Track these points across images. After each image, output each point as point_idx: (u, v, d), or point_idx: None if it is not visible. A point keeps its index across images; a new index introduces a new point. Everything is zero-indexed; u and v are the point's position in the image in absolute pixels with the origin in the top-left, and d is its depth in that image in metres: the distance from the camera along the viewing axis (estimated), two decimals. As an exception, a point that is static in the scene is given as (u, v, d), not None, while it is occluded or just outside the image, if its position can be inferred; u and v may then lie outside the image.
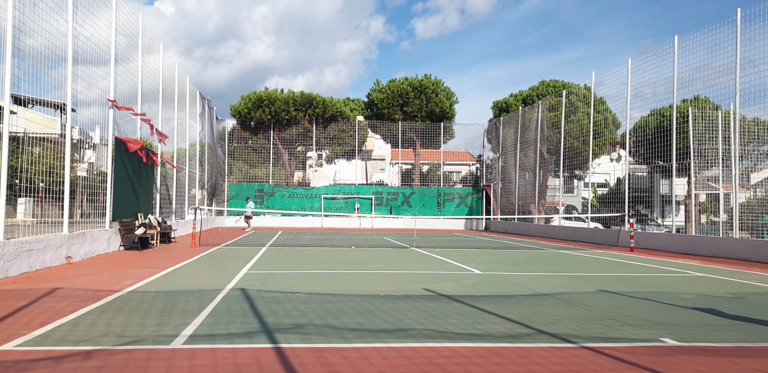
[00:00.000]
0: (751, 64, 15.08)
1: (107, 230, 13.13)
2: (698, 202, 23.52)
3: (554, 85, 33.53)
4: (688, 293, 8.48)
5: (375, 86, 37.22)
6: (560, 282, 9.48)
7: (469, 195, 35.70)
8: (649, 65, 19.64)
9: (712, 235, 18.78)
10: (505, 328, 5.67)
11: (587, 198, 28.01)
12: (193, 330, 5.25)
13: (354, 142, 35.36)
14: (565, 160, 25.41)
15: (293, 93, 34.47)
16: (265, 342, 4.85)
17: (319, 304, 6.83)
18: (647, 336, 5.41)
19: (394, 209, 34.76)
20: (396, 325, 5.68)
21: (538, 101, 29.44)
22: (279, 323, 5.66)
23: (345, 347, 4.77)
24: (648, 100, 20.60)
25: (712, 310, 6.93)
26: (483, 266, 11.82)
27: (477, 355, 4.59)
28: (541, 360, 4.47)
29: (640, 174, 27.50)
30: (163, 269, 10.12)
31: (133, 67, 15.88)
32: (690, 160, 18.68)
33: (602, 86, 23.65)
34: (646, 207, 25.72)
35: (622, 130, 23.54)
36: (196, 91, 25.30)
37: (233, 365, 4.18)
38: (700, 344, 5.15)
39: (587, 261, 13.78)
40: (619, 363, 4.42)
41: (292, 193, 34.17)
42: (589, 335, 5.39)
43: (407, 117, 35.69)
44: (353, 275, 10.06)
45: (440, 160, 37.35)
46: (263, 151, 34.73)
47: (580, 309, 6.82)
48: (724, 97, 16.38)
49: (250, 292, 7.65)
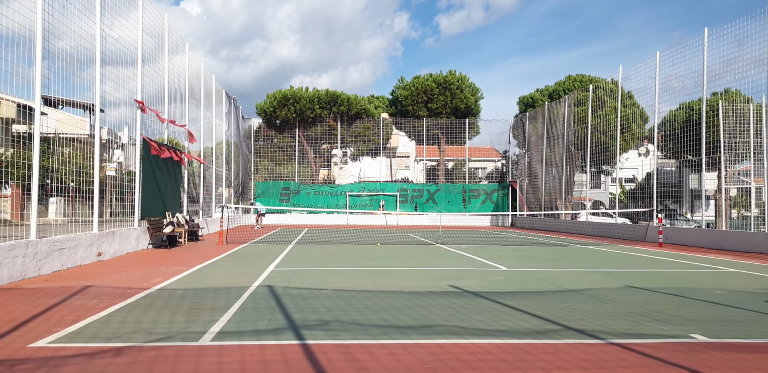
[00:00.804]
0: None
1: (136, 229, 13.41)
2: (729, 196, 22.97)
3: (581, 80, 33.08)
4: (718, 288, 8.31)
5: (399, 83, 37.21)
6: (587, 278, 9.38)
7: (494, 191, 35.47)
8: (678, 58, 19.25)
9: (744, 230, 18.34)
10: (532, 324, 5.64)
11: (615, 193, 27.58)
12: (221, 327, 5.34)
13: (378, 140, 35.41)
14: (592, 155, 25.05)
15: (318, 91, 34.67)
16: (292, 339, 4.91)
17: (345, 300, 6.88)
18: (677, 332, 5.32)
19: (419, 205, 34.72)
20: (422, 321, 5.69)
21: (565, 96, 29.07)
22: (305, 319, 5.72)
23: (371, 343, 4.80)
24: (677, 93, 20.19)
25: (744, 306, 6.79)
26: (509, 263, 11.75)
27: (503, 351, 4.58)
28: (568, 357, 4.44)
29: (668, 169, 26.97)
30: (190, 267, 10.30)
31: (159, 68, 16.16)
32: (720, 154, 18.25)
33: (629, 80, 23.25)
34: (674, 202, 25.24)
35: (650, 124, 23.12)
36: (222, 91, 25.61)
37: (261, 361, 4.24)
38: (731, 340, 5.05)
39: (615, 257, 13.59)
40: (648, 359, 4.37)
41: (318, 190, 34.40)
42: (617, 331, 5.33)
43: (432, 114, 35.58)
44: (378, 271, 10.10)
45: (465, 157, 37.17)
46: (289, 149, 35.03)
47: (608, 305, 6.75)
48: (755, 90, 15.98)
49: (277, 289, 7.74)
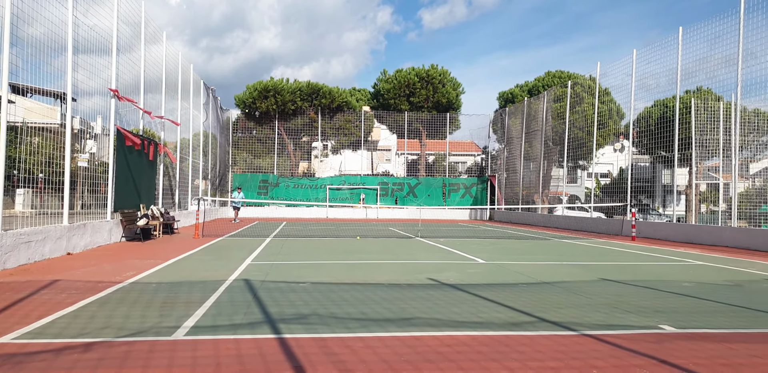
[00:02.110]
0: (752, 55, 15.00)
1: (109, 221, 13.19)
2: (699, 191, 23.45)
3: (560, 76, 33.36)
4: (687, 281, 8.50)
5: (381, 76, 37.10)
6: (563, 271, 9.51)
7: (474, 185, 35.70)
8: (653, 56, 19.55)
9: (712, 224, 18.76)
10: (508, 316, 5.70)
11: (590, 188, 27.98)
12: (196, 321, 5.29)
13: (360, 133, 35.32)
14: (569, 150, 25.35)
15: (299, 83, 34.39)
16: (269, 333, 4.89)
17: (323, 294, 6.87)
18: (647, 323, 5.44)
19: (400, 199, 34.80)
20: (400, 314, 5.71)
21: (544, 92, 29.32)
22: (282, 313, 5.70)
23: (349, 336, 4.81)
24: (652, 91, 20.52)
25: (710, 297, 6.96)
26: (487, 256, 11.86)
27: (480, 343, 4.63)
28: (542, 348, 4.51)
29: (642, 164, 27.43)
30: (165, 260, 10.18)
31: (135, 57, 15.87)
32: (691, 151, 18.61)
33: (607, 77, 23.53)
34: (648, 197, 25.71)
35: (625, 120, 23.44)
36: (200, 81, 25.27)
37: (236, 355, 4.21)
38: (697, 330, 5.18)
39: (589, 250, 13.80)
40: (619, 350, 4.45)
41: (297, 183, 34.22)
42: (590, 323, 5.42)
43: (413, 107, 35.59)
44: (358, 265, 10.11)
45: (446, 151, 37.30)
46: (268, 141, 34.74)
47: (582, 297, 6.85)
48: (725, 89, 16.32)
49: (254, 282, 7.69)
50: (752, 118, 18.53)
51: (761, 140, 19.38)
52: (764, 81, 14.89)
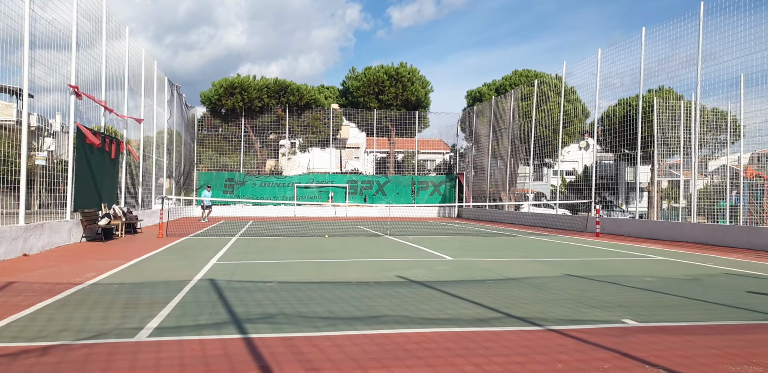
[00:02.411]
0: (711, 56, 15.47)
1: (68, 221, 12.81)
2: (660, 188, 24.11)
3: (527, 75, 33.81)
4: (649, 276, 8.72)
5: (350, 74, 36.99)
6: (529, 267, 9.65)
7: (442, 183, 35.93)
8: (617, 56, 19.98)
9: (673, 220, 19.32)
10: (475, 312, 5.75)
11: (556, 185, 28.47)
12: (159, 322, 5.18)
13: (328, 131, 35.15)
14: (535, 148, 25.73)
15: (266, 80, 34.01)
16: (235, 333, 4.82)
17: (291, 293, 6.82)
18: (610, 318, 5.55)
19: (369, 197, 34.78)
20: (368, 312, 5.70)
21: (511, 91, 29.67)
22: (249, 313, 5.63)
23: (316, 335, 4.77)
24: (616, 90, 20.98)
25: (671, 292, 7.15)
26: (455, 253, 11.94)
27: (447, 340, 4.65)
28: (509, 343, 4.56)
29: (606, 162, 28.04)
30: (128, 261, 9.95)
31: (97, 53, 15.44)
32: (654, 149, 19.10)
33: (573, 76, 23.96)
34: (611, 194, 26.28)
35: (590, 119, 23.94)
36: (165, 78, 24.77)
37: (201, 356, 4.14)
38: (658, 324, 5.32)
39: (555, 247, 14.04)
40: (583, 344, 4.53)
41: (264, 182, 33.86)
42: (555, 318, 5.50)
43: (382, 105, 35.59)
44: (326, 263, 10.06)
45: (415, 149, 37.43)
46: (234, 139, 34.29)
47: (548, 293, 6.96)
48: (686, 88, 16.81)
49: (220, 282, 7.58)
50: (711, 117, 19.13)
51: (719, 139, 20.02)
52: (722, 81, 15.39)
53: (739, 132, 18.75)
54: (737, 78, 15.70)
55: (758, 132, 16.50)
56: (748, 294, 7.13)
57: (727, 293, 7.13)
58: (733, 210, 18.77)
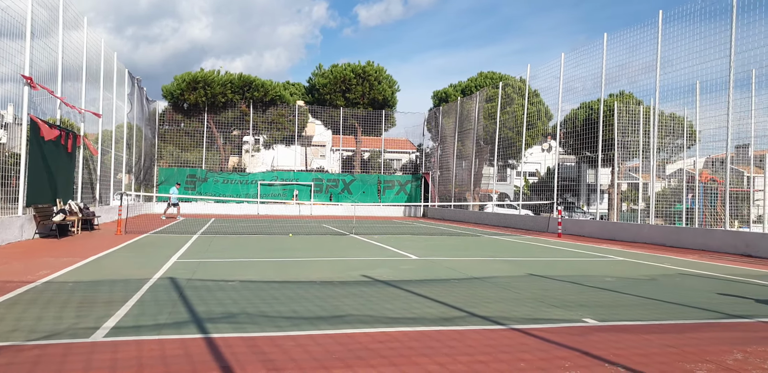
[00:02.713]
0: (669, 63, 15.95)
1: (20, 217, 12.32)
2: (620, 191, 24.76)
3: (492, 77, 34.20)
4: (609, 275, 8.92)
5: (317, 71, 36.72)
6: (493, 267, 9.75)
7: (408, 183, 36.04)
8: (580, 60, 20.41)
9: (632, 222, 19.85)
10: (440, 311, 5.76)
11: (519, 186, 28.92)
12: (117, 322, 5.01)
13: (293, 128, 34.80)
14: (499, 149, 26.05)
15: (230, 75, 33.44)
16: (195, 332, 4.71)
17: (253, 292, 6.71)
18: (571, 317, 5.65)
19: (334, 196, 34.61)
20: (332, 312, 5.65)
21: (476, 92, 29.97)
22: (210, 312, 5.51)
23: (279, 335, 4.70)
24: (578, 93, 21.44)
25: (630, 291, 7.33)
26: (420, 252, 11.98)
27: (411, 339, 4.65)
28: (473, 342, 4.58)
29: (568, 164, 28.63)
30: (84, 258, 9.63)
31: (53, 43, 14.90)
32: (614, 152, 19.58)
33: (536, 79, 24.35)
34: (573, 195, 26.86)
35: (553, 121, 24.41)
36: (125, 70, 24.10)
37: (160, 356, 4.02)
38: (617, 323, 5.43)
39: (518, 246, 14.24)
40: (545, 343, 4.59)
41: (227, 178, 33.31)
42: (518, 317, 5.56)
43: (349, 103, 35.45)
44: (289, 262, 9.95)
45: (381, 148, 37.43)
46: (196, 134, 33.62)
47: (511, 292, 7.04)
48: (646, 94, 17.29)
49: (180, 281, 7.40)
50: (669, 121, 19.76)
51: (677, 143, 20.69)
52: (679, 88, 15.89)
53: (695, 137, 19.40)
54: (693, 85, 16.24)
55: (713, 137, 17.09)
56: (702, 293, 7.36)
57: (683, 293, 7.35)
58: (689, 213, 19.43)
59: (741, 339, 4.85)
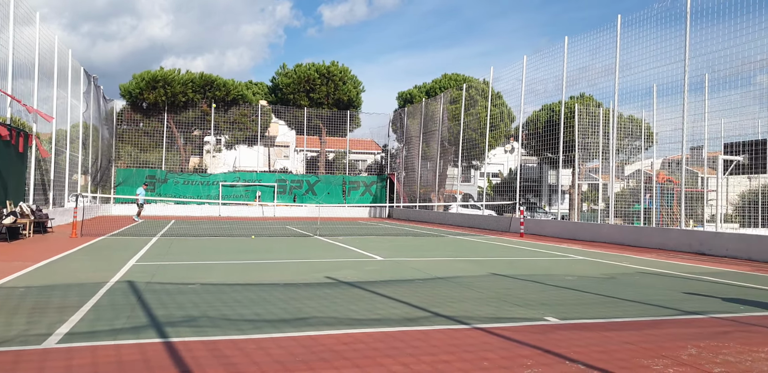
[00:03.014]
0: (627, 66, 16.40)
1: (-28, 219, 11.81)
2: (580, 191, 25.33)
3: (456, 79, 34.51)
4: (569, 274, 9.09)
5: (281, 70, 36.34)
6: (456, 266, 9.82)
7: (373, 183, 36.03)
8: (542, 63, 20.78)
9: (592, 221, 20.33)
10: (404, 312, 5.76)
11: (483, 187, 29.26)
12: (71, 328, 4.83)
13: (256, 128, 34.36)
14: (463, 151, 26.31)
15: (191, 74, 32.81)
16: (154, 337, 4.58)
17: (214, 295, 6.58)
18: (533, 315, 5.72)
19: (298, 197, 34.32)
20: (295, 314, 5.59)
21: (441, 94, 30.21)
22: (170, 316, 5.38)
23: (241, 338, 4.61)
24: (540, 95, 21.83)
25: (590, 290, 7.48)
26: (385, 253, 11.97)
27: (376, 340, 4.63)
28: (437, 342, 4.59)
29: (530, 165, 29.13)
30: (36, 262, 9.28)
31: (3, 38, 14.34)
32: (575, 153, 20.02)
33: (499, 81, 24.69)
34: (535, 196, 27.34)
35: (516, 123, 24.79)
36: (81, 68, 23.39)
37: (116, 362, 3.90)
38: (578, 321, 5.53)
39: (481, 246, 14.39)
40: (508, 342, 4.63)
41: (187, 180, 32.66)
42: (481, 316, 5.61)
43: (313, 103, 35.22)
44: (252, 265, 9.81)
45: (346, 149, 37.32)
46: (156, 134, 32.85)
47: (474, 292, 7.09)
48: (605, 96, 17.73)
49: (138, 284, 7.21)
50: (627, 124, 20.32)
51: (635, 145, 21.29)
52: (637, 91, 16.37)
53: (653, 139, 20.00)
54: (651, 88, 16.74)
55: (669, 139, 17.66)
56: (659, 291, 7.57)
57: (641, 291, 7.54)
58: (647, 212, 20.01)
59: (695, 335, 5.00)
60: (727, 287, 8.11)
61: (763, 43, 12.34)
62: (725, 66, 13.61)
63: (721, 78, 14.52)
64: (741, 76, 14.05)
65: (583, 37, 18.33)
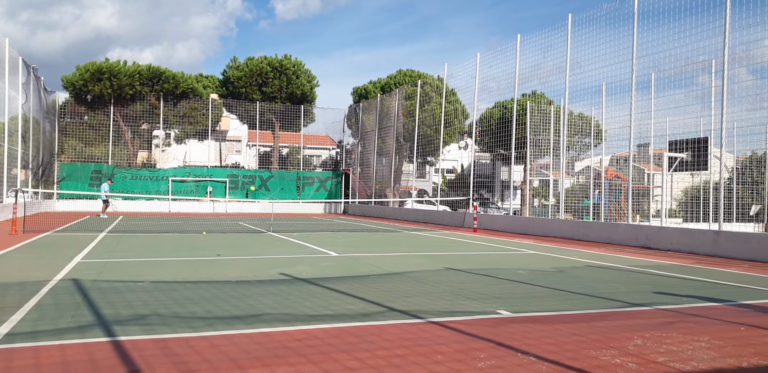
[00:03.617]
0: (577, 65, 16.85)
1: None
2: (532, 187, 25.93)
3: (410, 75, 34.66)
4: (521, 268, 9.30)
5: (232, 63, 35.59)
6: (411, 261, 9.89)
7: (328, 179, 35.84)
8: (495, 61, 21.09)
9: (543, 216, 20.85)
10: (359, 307, 5.76)
11: (437, 183, 29.56)
12: (11, 328, 4.62)
13: (207, 122, 33.58)
14: (418, 147, 26.49)
15: (139, 66, 31.74)
16: (101, 336, 4.43)
17: (165, 293, 6.41)
18: (486, 309, 5.82)
19: (251, 192, 33.78)
20: (248, 311, 5.51)
21: (396, 90, 30.28)
22: (118, 314, 5.21)
23: (192, 336, 4.52)
24: (493, 93, 22.19)
25: (540, 283, 7.67)
26: (340, 249, 11.94)
27: (330, 336, 4.61)
28: (391, 336, 4.61)
29: (484, 161, 29.61)
30: (-25, 260, 8.83)
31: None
32: (527, 150, 20.45)
33: (453, 78, 24.95)
34: (488, 191, 27.85)
35: (469, 120, 25.16)
36: (19, 58, 22.29)
37: (61, 363, 3.75)
38: (529, 314, 5.65)
39: (436, 241, 14.54)
40: (461, 335, 4.70)
41: (135, 175, 31.67)
42: (435, 311, 5.67)
43: (266, 98, 34.68)
44: (204, 261, 9.61)
45: (300, 144, 36.96)
46: (102, 128, 31.66)
47: (429, 286, 7.16)
48: (556, 94, 18.18)
49: (84, 282, 6.95)
50: (578, 121, 20.90)
51: (585, 142, 21.94)
52: (587, 89, 16.85)
53: (602, 136, 20.64)
54: (600, 86, 17.26)
55: (617, 136, 18.25)
56: (607, 284, 7.83)
57: (589, 284, 7.78)
58: (596, 208, 20.65)
59: (641, 326, 5.19)
60: (671, 279, 8.46)
61: (705, 44, 12.89)
62: (670, 66, 14.18)
63: (667, 77, 15.13)
64: (685, 76, 14.67)
65: (535, 36, 18.71)
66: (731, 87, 14.66)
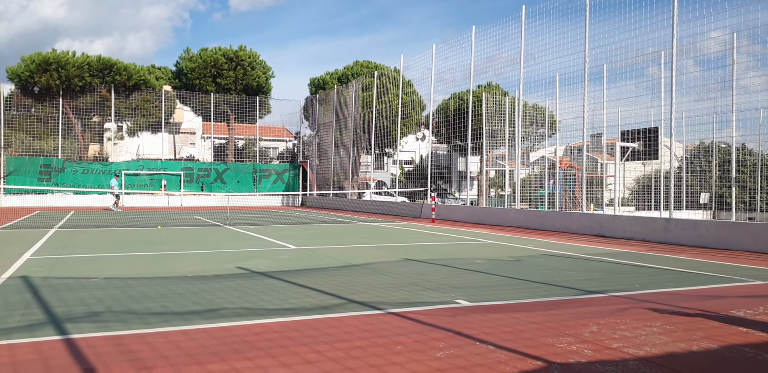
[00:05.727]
0: (531, 56, 17.15)
1: None
2: (488, 177, 26.37)
3: (368, 66, 34.56)
4: (478, 258, 9.47)
5: (185, 54, 34.67)
6: (370, 253, 9.94)
7: (286, 171, 35.48)
8: (451, 52, 21.23)
9: (499, 206, 21.25)
10: (318, 300, 5.77)
11: (395, 174, 29.68)
12: (-45, 328, 4.45)
13: (160, 114, 32.70)
14: (376, 138, 26.51)
15: (88, 57, 30.55)
16: (52, 334, 4.31)
17: (119, 289, 6.26)
18: (445, 299, 5.92)
19: (206, 185, 33.15)
20: (206, 306, 5.45)
21: (353, 81, 30.15)
22: (70, 312, 5.07)
23: (148, 332, 4.45)
24: (449, 84, 22.36)
25: (498, 272, 7.84)
26: (298, 241, 11.89)
27: (290, 329, 4.61)
28: (350, 328, 4.64)
29: (441, 152, 29.90)
30: None
31: None
32: (483, 140, 20.75)
33: (410, 70, 25.00)
34: (445, 182, 28.16)
35: (426, 111, 25.35)
36: (-43, 46, 21.15)
37: (10, 363, 3.64)
38: (487, 303, 5.78)
39: (394, 233, 14.64)
40: (420, 326, 4.77)
41: (87, 168, 30.61)
42: (394, 301, 5.73)
43: (221, 89, 33.99)
44: (159, 256, 9.42)
45: (256, 136, 36.42)
46: (51, 121, 30.42)
47: (388, 277, 7.23)
48: (511, 85, 18.48)
49: (34, 280, 6.72)
50: (532, 112, 21.31)
51: (539, 132, 22.38)
52: (541, 80, 17.21)
53: (556, 126, 21.11)
54: (554, 78, 17.63)
55: (571, 127, 18.70)
56: (562, 272, 8.06)
57: (545, 272, 7.98)
58: (551, 197, 21.17)
59: (596, 313, 5.37)
60: (624, 266, 8.77)
61: (654, 36, 13.31)
62: (621, 57, 14.59)
63: (618, 69, 15.58)
64: (635, 67, 15.14)
65: (489, 27, 18.90)
66: (679, 78, 15.23)
